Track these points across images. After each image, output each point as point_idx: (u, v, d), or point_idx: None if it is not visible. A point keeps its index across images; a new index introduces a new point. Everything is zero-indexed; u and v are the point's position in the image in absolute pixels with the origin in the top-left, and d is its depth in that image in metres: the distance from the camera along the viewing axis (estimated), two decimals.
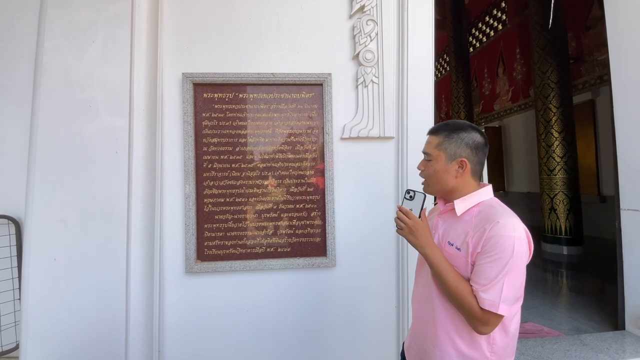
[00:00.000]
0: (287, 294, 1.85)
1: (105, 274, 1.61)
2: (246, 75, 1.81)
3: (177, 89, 1.81)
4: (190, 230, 1.77)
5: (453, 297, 0.85)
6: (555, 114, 4.72)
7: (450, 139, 0.94)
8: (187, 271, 1.77)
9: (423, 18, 1.89)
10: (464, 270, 0.87)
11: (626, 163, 2.30)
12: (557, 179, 4.73)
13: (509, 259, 0.78)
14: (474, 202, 0.92)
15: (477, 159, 0.93)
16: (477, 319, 0.81)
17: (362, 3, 1.86)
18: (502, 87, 7.77)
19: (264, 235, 1.86)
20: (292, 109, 1.88)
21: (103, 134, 1.64)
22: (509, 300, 0.79)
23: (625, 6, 2.27)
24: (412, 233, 0.92)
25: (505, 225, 0.81)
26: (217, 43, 1.84)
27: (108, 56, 1.65)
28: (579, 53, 5.55)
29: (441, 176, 0.95)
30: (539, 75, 4.87)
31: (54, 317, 1.57)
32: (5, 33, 1.81)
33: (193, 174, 1.79)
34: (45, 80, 1.61)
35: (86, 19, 1.65)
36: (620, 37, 2.31)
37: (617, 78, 2.34)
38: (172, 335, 1.78)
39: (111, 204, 1.63)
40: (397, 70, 1.89)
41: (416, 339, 1.02)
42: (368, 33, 1.86)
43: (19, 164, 1.74)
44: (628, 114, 2.27)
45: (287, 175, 1.87)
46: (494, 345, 0.86)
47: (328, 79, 1.85)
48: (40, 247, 1.57)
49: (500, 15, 7.63)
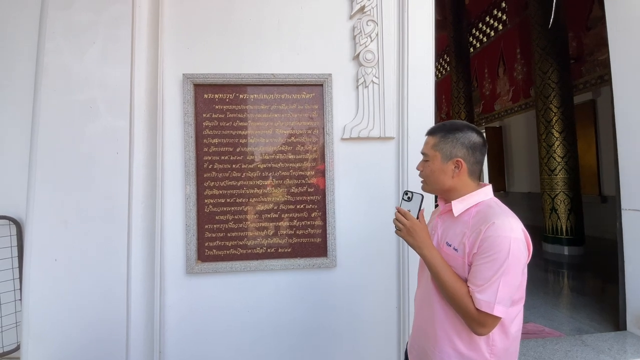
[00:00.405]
0: (288, 294, 1.85)
1: (105, 274, 1.62)
2: (246, 76, 1.82)
3: (178, 89, 1.81)
4: (190, 230, 1.77)
5: (450, 298, 0.86)
6: (556, 114, 4.72)
7: (446, 139, 0.94)
8: (187, 272, 1.77)
9: (423, 19, 1.89)
10: (462, 271, 0.87)
11: (627, 163, 2.30)
12: (558, 179, 4.73)
13: (504, 259, 0.78)
14: (472, 202, 0.92)
15: (473, 159, 0.93)
16: (474, 319, 0.81)
17: (362, 4, 1.86)
18: (503, 87, 7.77)
19: (264, 235, 1.86)
20: (293, 110, 1.88)
21: (104, 134, 1.64)
22: (504, 301, 0.79)
23: (625, 6, 2.27)
24: (410, 234, 0.92)
25: (502, 226, 0.81)
26: (218, 44, 1.84)
27: (109, 57, 1.66)
28: (580, 53, 5.55)
29: (438, 176, 0.95)
30: (540, 75, 4.87)
31: (54, 317, 1.57)
32: (6, 33, 1.82)
33: (194, 175, 1.79)
34: (46, 80, 1.62)
35: (87, 19, 1.65)
36: (621, 37, 2.31)
37: (618, 78, 2.33)
38: (173, 336, 1.78)
39: (112, 205, 1.63)
40: (398, 70, 1.89)
41: (417, 339, 1.02)
42: (368, 33, 1.86)
43: (20, 165, 1.75)
44: (629, 114, 2.27)
45: (288, 175, 1.87)
46: (494, 347, 0.86)
47: (328, 79, 1.85)
48: (41, 247, 1.58)
49: (501, 15, 7.64)
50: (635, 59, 2.21)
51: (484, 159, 0.96)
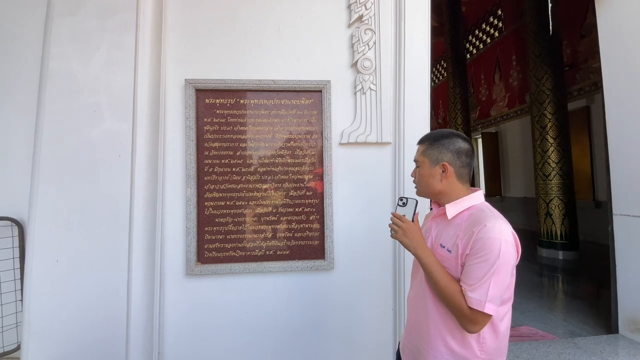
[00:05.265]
0: (286, 296, 1.88)
1: (106, 275, 1.64)
2: (247, 82, 1.86)
3: (180, 94, 1.85)
4: (191, 233, 1.80)
5: (443, 297, 0.89)
6: (551, 120, 4.80)
7: (433, 145, 1.01)
8: (187, 273, 1.80)
9: (419, 27, 1.94)
10: (455, 272, 0.91)
11: (618, 169, 2.35)
12: (553, 184, 4.79)
13: (495, 260, 0.82)
14: (465, 206, 0.96)
15: (459, 163, 0.98)
16: (466, 317, 0.85)
17: (360, 12, 1.91)
18: (499, 93, 7.88)
19: (263, 238, 1.89)
20: (292, 115, 1.92)
21: (106, 138, 1.67)
22: (495, 299, 0.83)
23: (616, 14, 2.33)
24: (405, 235, 0.97)
25: (493, 228, 0.85)
26: (220, 50, 1.89)
27: (113, 62, 1.70)
28: (574, 60, 5.65)
29: (427, 180, 1.01)
30: (535, 82, 4.96)
31: (55, 317, 1.59)
32: (11, 38, 1.85)
33: (194, 178, 1.82)
34: (51, 84, 1.65)
35: (92, 26, 1.69)
36: (612, 45, 2.38)
37: (609, 85, 2.40)
38: (172, 337, 1.81)
39: (113, 207, 1.66)
40: (395, 77, 1.94)
41: (410, 338, 1.05)
42: (366, 42, 1.91)
43: (23, 167, 1.78)
44: (620, 121, 2.33)
45: (287, 179, 1.91)
46: (484, 345, 0.90)
47: (327, 85, 1.89)
48: (42, 248, 1.60)
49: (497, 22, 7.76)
50: (625, 66, 2.28)
51: (471, 163, 1.01)
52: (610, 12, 2.38)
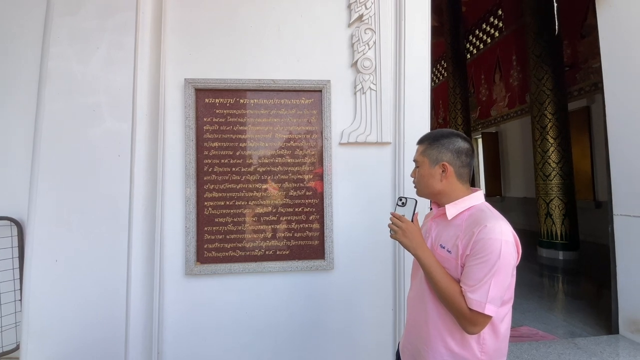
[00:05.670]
0: (285, 295, 1.88)
1: (106, 275, 1.64)
2: (247, 81, 1.86)
3: (179, 94, 1.85)
4: (190, 232, 1.80)
5: (443, 297, 0.89)
6: (551, 120, 4.79)
7: (433, 145, 1.00)
8: (186, 273, 1.79)
9: (420, 27, 1.94)
10: (455, 272, 0.90)
11: (618, 169, 2.35)
12: (553, 184, 4.78)
13: (495, 261, 0.82)
14: (465, 206, 0.96)
15: (459, 162, 0.98)
16: (466, 318, 0.84)
17: (360, 12, 1.91)
18: (499, 94, 7.87)
19: (263, 238, 1.89)
20: (292, 115, 1.92)
21: (106, 137, 1.67)
22: (495, 300, 0.82)
23: (617, 16, 2.33)
24: (405, 235, 0.96)
25: (493, 229, 0.84)
26: (219, 50, 1.88)
27: (112, 62, 1.70)
28: (574, 60, 5.65)
29: (427, 180, 1.00)
30: (535, 82, 4.95)
31: (54, 317, 1.59)
32: (11, 38, 1.85)
33: (194, 178, 1.82)
34: (51, 85, 1.65)
35: (92, 26, 1.69)
36: (613, 46, 2.37)
37: (609, 85, 2.39)
38: (172, 336, 1.80)
39: (113, 206, 1.66)
40: (395, 77, 1.94)
41: (410, 339, 1.05)
42: (366, 41, 1.91)
43: (23, 167, 1.77)
44: (620, 121, 2.32)
45: (287, 179, 1.90)
46: (484, 346, 0.89)
47: (327, 85, 1.89)
48: (42, 248, 1.60)
49: (497, 22, 7.75)
50: (625, 67, 2.27)
51: (471, 163, 1.00)
52: (610, 12, 2.37)
